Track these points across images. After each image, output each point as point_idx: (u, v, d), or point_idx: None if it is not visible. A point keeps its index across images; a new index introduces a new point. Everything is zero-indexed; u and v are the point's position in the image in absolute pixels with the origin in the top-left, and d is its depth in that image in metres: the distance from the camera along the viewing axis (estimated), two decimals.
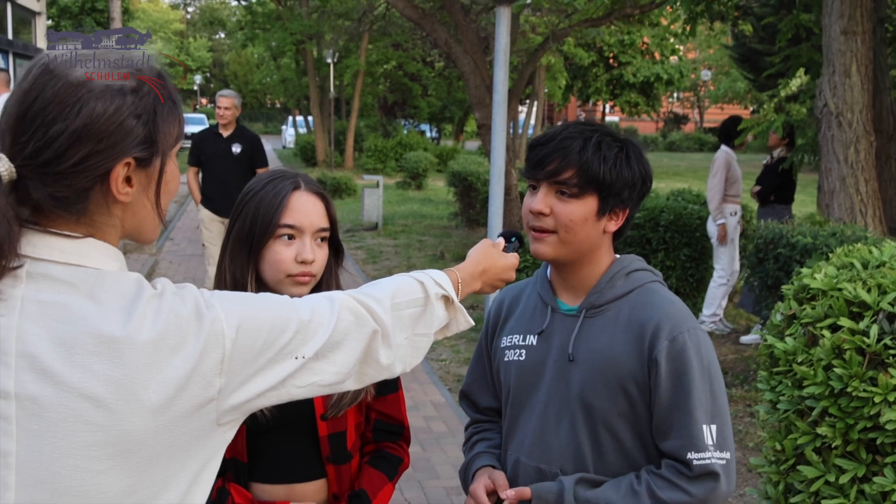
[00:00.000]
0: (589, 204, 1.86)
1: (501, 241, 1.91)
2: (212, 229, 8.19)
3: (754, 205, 8.92)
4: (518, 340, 2.01)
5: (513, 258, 1.84)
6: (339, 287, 2.04)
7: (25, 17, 18.44)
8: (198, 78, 53.47)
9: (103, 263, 1.24)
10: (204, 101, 56.11)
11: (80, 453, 1.16)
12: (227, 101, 8.09)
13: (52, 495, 1.17)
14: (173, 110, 1.29)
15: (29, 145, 1.19)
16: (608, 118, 48.87)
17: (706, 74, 44.36)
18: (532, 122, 26.48)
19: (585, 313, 1.93)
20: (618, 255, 2.00)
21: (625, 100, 36.72)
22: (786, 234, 5.97)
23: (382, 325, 1.44)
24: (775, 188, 8.25)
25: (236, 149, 8.05)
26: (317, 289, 2.00)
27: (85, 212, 1.24)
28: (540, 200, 1.88)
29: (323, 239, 1.97)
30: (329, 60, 27.70)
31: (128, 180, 1.24)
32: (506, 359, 2.03)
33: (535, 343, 1.98)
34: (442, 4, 11.34)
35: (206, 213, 8.21)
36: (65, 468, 1.16)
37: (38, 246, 1.21)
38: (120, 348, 1.17)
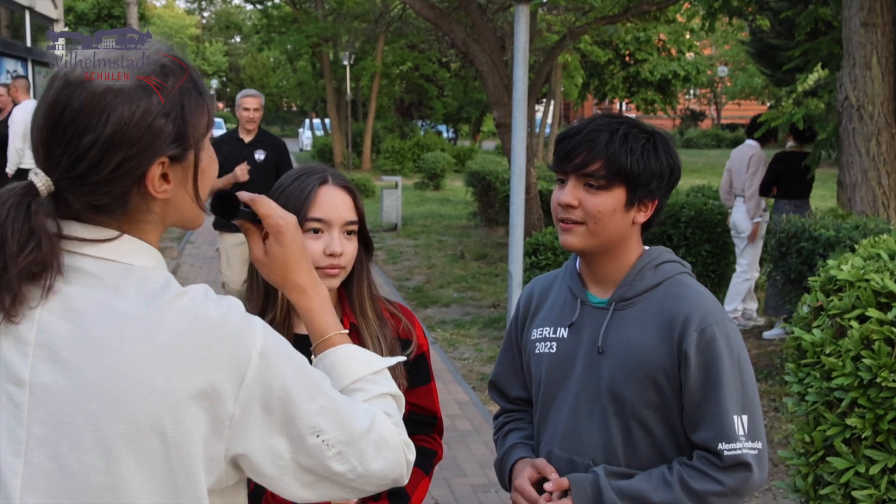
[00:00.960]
0: (617, 195, 1.87)
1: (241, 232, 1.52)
2: (234, 260, 6.96)
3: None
4: (549, 333, 2.02)
5: (280, 245, 1.48)
6: (369, 279, 2.07)
7: (43, 25, 18.60)
8: (214, 82, 53.59)
9: (136, 260, 1.24)
10: (220, 105, 56.37)
11: (88, 447, 1.15)
12: (255, 101, 7.17)
13: (58, 485, 1.16)
14: (200, 100, 1.27)
15: (63, 159, 1.19)
16: None
17: (723, 70, 44.07)
18: (549, 120, 26.43)
19: (615, 306, 1.94)
20: (646, 247, 2.01)
21: (641, 97, 36.57)
22: (808, 227, 5.95)
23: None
24: (774, 181, 7.91)
25: (259, 155, 7.06)
26: (348, 282, 2.02)
27: (125, 213, 1.25)
28: (568, 193, 1.89)
29: (351, 232, 1.99)
30: (345, 62, 27.79)
31: (164, 177, 1.24)
32: (536, 351, 2.04)
33: (565, 336, 1.99)
34: (458, 4, 11.36)
35: (226, 239, 7.02)
36: (70, 461, 1.16)
37: (74, 241, 1.22)
38: (137, 343, 1.16)
